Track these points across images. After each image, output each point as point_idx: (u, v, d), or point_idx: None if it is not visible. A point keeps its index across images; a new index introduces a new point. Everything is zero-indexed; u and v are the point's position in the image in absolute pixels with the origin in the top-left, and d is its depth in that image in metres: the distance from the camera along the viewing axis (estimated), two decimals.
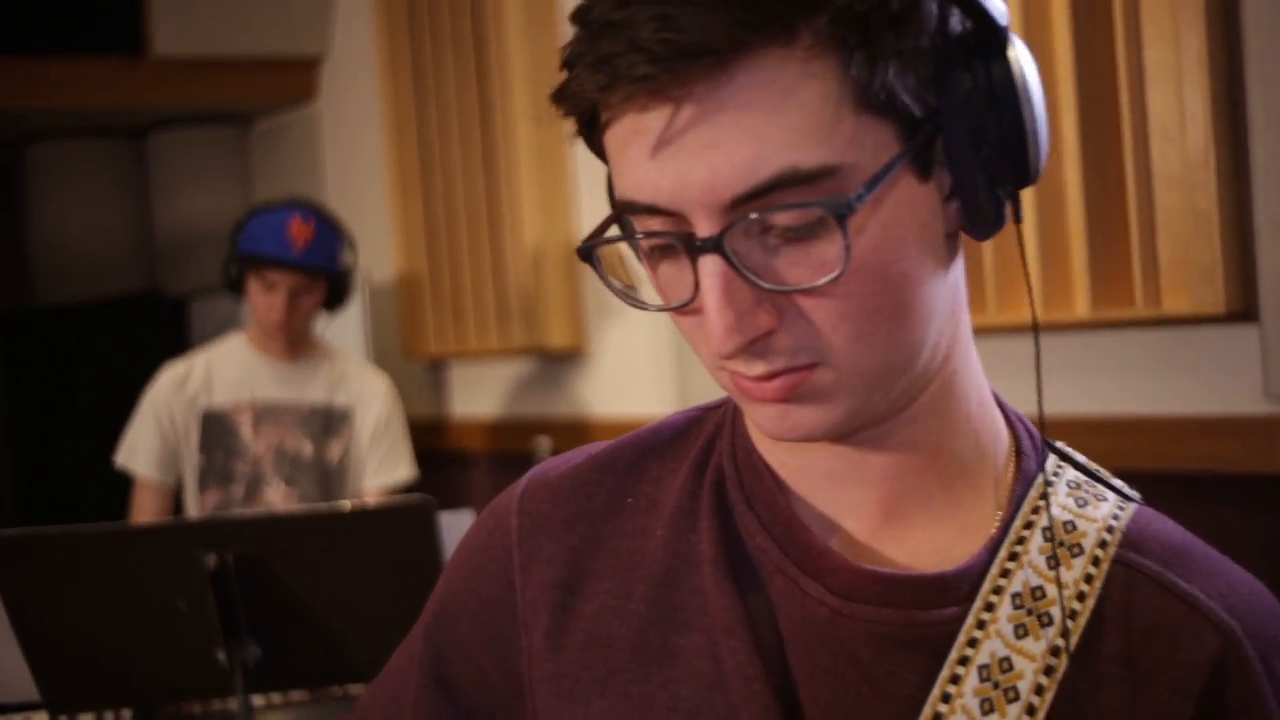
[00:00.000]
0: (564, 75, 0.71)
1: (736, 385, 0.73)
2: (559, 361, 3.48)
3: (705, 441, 0.84)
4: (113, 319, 4.87)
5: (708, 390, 0.84)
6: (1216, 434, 2.05)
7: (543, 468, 0.87)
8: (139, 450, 2.89)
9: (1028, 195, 2.22)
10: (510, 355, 3.59)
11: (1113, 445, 2.12)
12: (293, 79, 4.45)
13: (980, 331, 0.82)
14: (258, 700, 2.02)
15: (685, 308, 0.71)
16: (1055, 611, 0.74)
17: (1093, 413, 2.18)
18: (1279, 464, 1.97)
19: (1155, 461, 2.10)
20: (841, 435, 0.75)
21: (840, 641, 0.75)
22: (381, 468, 2.94)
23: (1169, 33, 2.02)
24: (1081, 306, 2.14)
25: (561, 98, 0.72)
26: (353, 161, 4.31)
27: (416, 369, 4.01)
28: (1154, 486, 0.93)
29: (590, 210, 3.35)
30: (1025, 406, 0.83)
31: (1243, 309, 1.98)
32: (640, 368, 3.22)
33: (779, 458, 0.79)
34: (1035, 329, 0.79)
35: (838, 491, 0.78)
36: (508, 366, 3.69)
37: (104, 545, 1.84)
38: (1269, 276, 1.95)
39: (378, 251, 4.05)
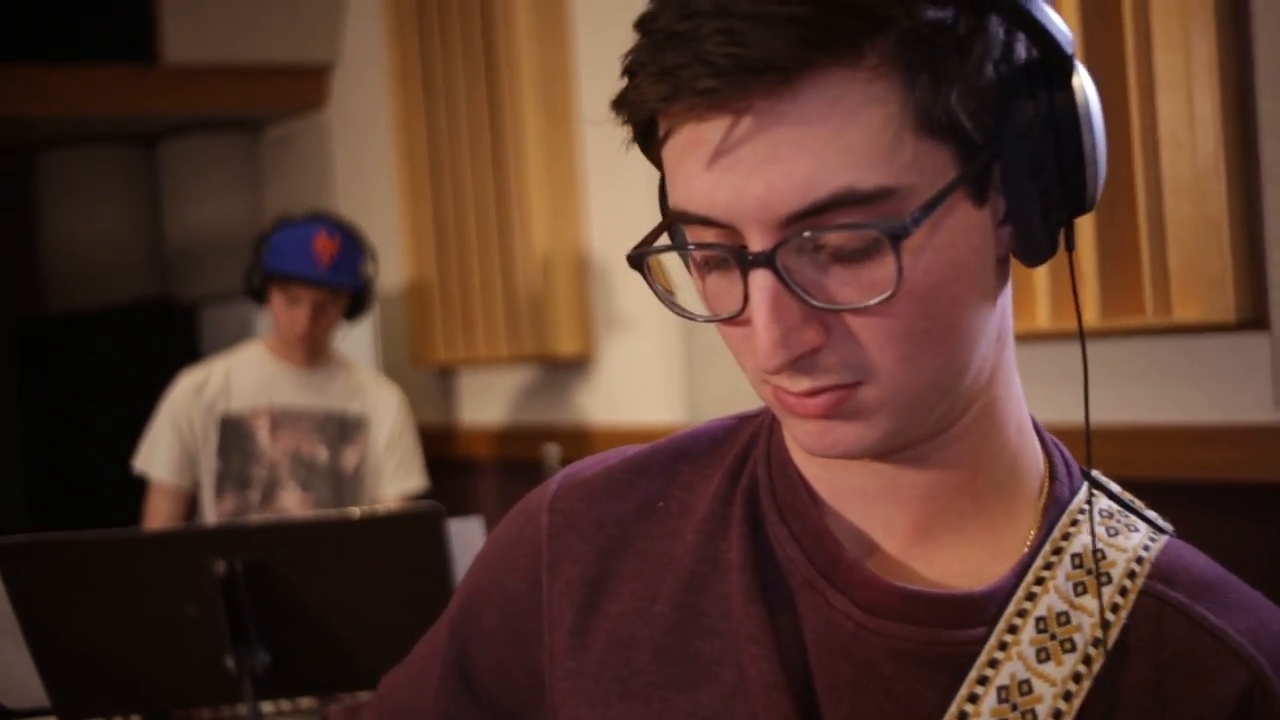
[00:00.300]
0: (624, 81, 0.71)
1: (779, 399, 0.73)
2: (567, 369, 3.48)
3: (741, 449, 0.84)
4: (124, 326, 4.88)
5: (717, 399, 0.85)
6: (1226, 442, 2.04)
7: (576, 467, 0.88)
8: (157, 455, 2.91)
9: None
10: (519, 363, 3.60)
11: (1122, 453, 2.11)
12: (303, 86, 4.46)
13: None
14: (266, 707, 2.02)
15: (733, 320, 0.71)
16: (1079, 638, 0.74)
17: (1102, 421, 2.18)
18: None
19: (1164, 470, 2.09)
20: (880, 454, 0.75)
21: (863, 655, 0.75)
22: (395, 477, 2.97)
23: (1179, 39, 2.01)
24: (1091, 314, 2.14)
25: (621, 105, 0.71)
26: (363, 168, 4.32)
27: (425, 376, 4.01)
28: (1163, 495, 0.93)
29: (600, 218, 3.35)
30: (1036, 415, 0.83)
31: (1253, 317, 1.97)
32: (649, 376, 3.21)
33: (814, 471, 0.79)
34: (1084, 356, 0.78)
35: (871, 508, 0.78)
36: (516, 374, 3.69)
37: (114, 551, 1.84)
38: (1279, 286, 1.94)
39: (387, 258, 4.05)
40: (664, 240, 0.75)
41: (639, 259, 0.73)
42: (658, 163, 0.74)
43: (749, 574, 0.78)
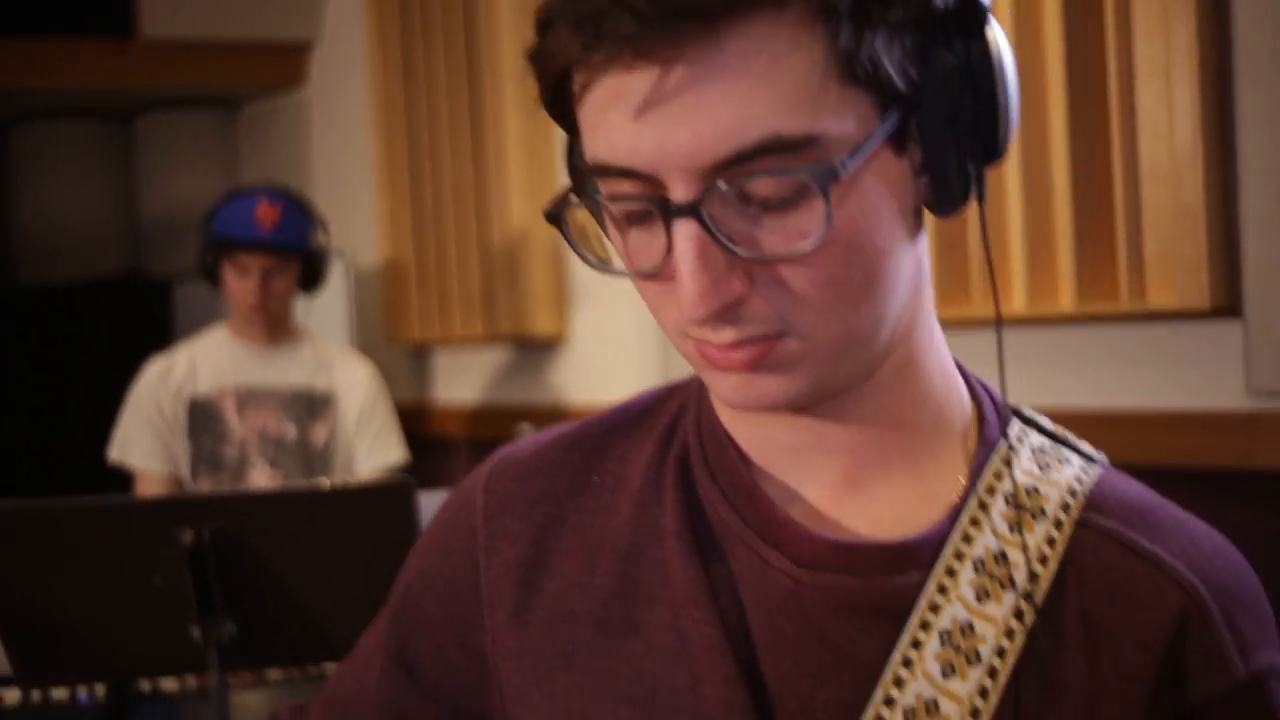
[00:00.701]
0: (540, 35, 0.71)
1: (701, 354, 0.72)
2: (542, 349, 3.48)
3: (671, 418, 0.84)
4: (96, 300, 4.85)
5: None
6: (1198, 429, 2.05)
7: (510, 448, 0.88)
8: (132, 444, 2.90)
9: (1014, 188, 2.23)
10: (494, 342, 3.59)
11: (1094, 438, 2.11)
12: (282, 64, 4.44)
13: (964, 324, 0.82)
14: (233, 680, 2.01)
15: (655, 274, 0.71)
16: (1018, 576, 0.75)
17: (1075, 406, 2.18)
18: (1259, 460, 1.97)
19: (1136, 455, 2.09)
20: (803, 406, 0.75)
21: (802, 610, 0.75)
22: (373, 451, 2.95)
23: (1159, 27, 2.02)
24: (1066, 300, 2.14)
25: (538, 57, 0.71)
26: (341, 147, 4.29)
27: (400, 355, 3.99)
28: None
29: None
30: (1014, 399, 0.83)
31: (1227, 304, 1.98)
32: (624, 355, 3.21)
33: (742, 431, 0.80)
34: (996, 302, 0.79)
35: (800, 463, 0.78)
36: (491, 353, 3.68)
37: (81, 520, 1.82)
38: (1254, 272, 1.95)
39: (364, 237, 4.03)
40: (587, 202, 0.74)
41: (557, 214, 0.73)
42: (566, 122, 0.74)
43: (684, 538, 0.78)
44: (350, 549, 1.82)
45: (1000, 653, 0.73)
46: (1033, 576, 0.74)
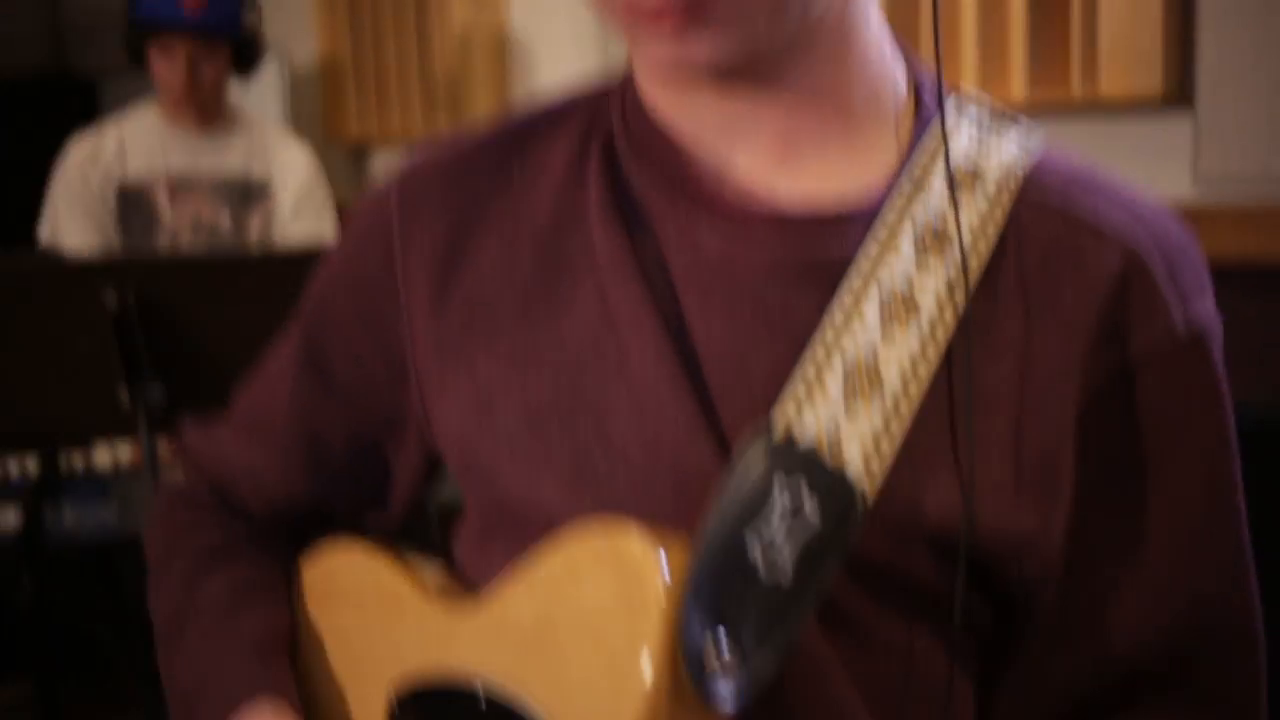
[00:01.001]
0: None
1: (631, 15, 0.70)
2: None
3: (594, 108, 0.82)
4: (19, 99, 4.70)
5: None
6: None
7: (424, 149, 0.85)
8: (64, 225, 2.81)
9: None
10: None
11: None
12: None
13: None
14: (166, 454, 1.98)
15: None
16: (954, 244, 0.74)
17: None
18: (1206, 249, 1.97)
19: None
20: (734, 68, 0.73)
21: (734, 279, 0.74)
22: (309, 226, 2.87)
23: None
24: (1017, 86, 2.11)
25: None
26: None
27: (338, 154, 3.91)
28: None
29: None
30: None
31: (1179, 94, 1.96)
32: None
33: (672, 110, 0.78)
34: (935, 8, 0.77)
35: (731, 139, 0.76)
36: None
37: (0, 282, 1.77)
38: (1207, 63, 1.93)
39: (300, 31, 3.91)
40: None
41: None
42: None
43: (609, 214, 0.77)
44: (279, 315, 1.78)
45: (939, 315, 0.73)
46: (971, 245, 0.74)
